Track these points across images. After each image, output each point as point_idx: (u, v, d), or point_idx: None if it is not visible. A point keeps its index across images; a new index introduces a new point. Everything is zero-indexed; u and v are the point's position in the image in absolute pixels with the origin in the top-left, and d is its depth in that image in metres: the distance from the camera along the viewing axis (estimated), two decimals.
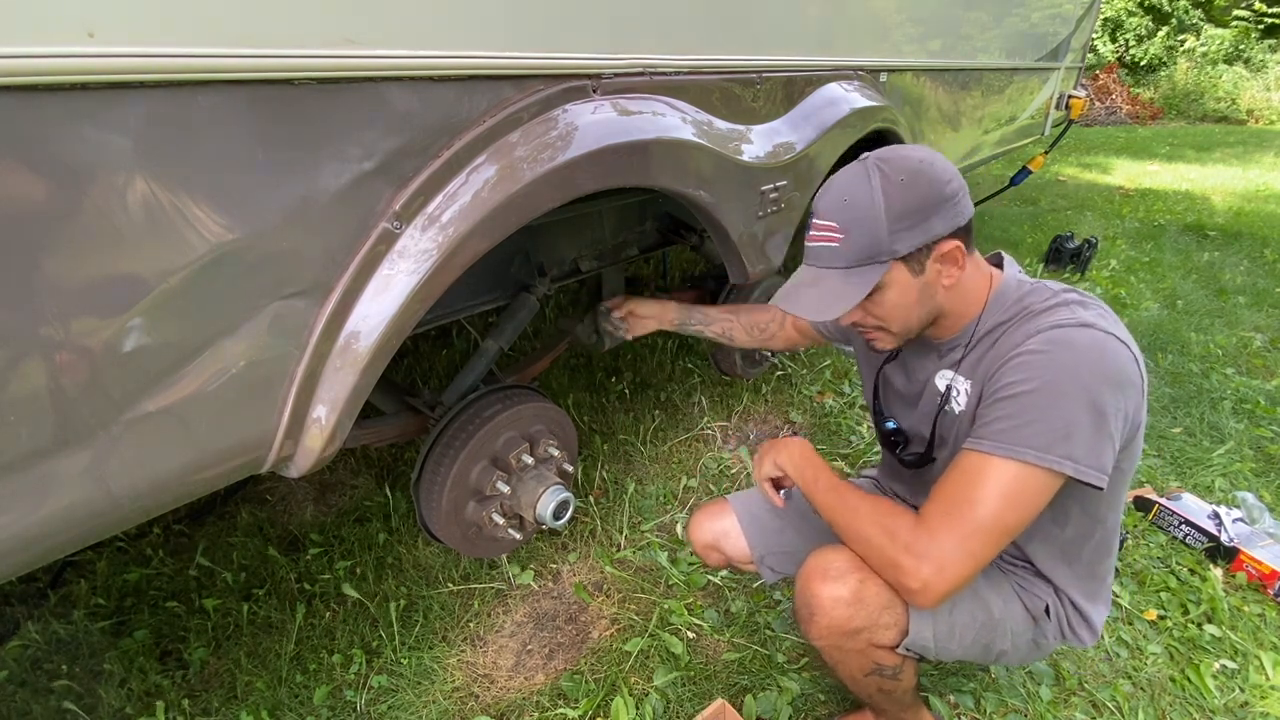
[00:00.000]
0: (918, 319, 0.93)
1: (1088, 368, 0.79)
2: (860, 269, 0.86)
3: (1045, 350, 0.82)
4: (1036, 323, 0.86)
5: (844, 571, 0.94)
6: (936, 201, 0.84)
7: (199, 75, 0.66)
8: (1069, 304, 0.87)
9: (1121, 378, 0.81)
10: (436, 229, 0.91)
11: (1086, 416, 0.78)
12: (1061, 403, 0.78)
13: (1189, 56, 11.97)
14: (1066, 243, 3.82)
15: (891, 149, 0.88)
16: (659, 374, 2.62)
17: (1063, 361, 0.80)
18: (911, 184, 0.83)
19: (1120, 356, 0.81)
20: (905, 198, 0.83)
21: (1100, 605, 1.04)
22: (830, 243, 0.87)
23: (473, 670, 1.44)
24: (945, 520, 0.82)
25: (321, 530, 1.81)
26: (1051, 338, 0.82)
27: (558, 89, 1.05)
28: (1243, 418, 2.33)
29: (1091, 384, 0.79)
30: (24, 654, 1.47)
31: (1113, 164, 7.35)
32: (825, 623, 0.95)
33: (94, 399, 0.68)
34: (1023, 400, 0.81)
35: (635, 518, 1.86)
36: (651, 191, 1.42)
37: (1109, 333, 0.82)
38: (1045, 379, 0.80)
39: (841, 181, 0.88)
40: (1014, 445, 0.80)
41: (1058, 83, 3.79)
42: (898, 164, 0.85)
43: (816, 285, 0.89)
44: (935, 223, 0.84)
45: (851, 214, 0.85)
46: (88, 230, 0.63)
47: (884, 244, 0.84)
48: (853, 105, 1.83)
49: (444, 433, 1.41)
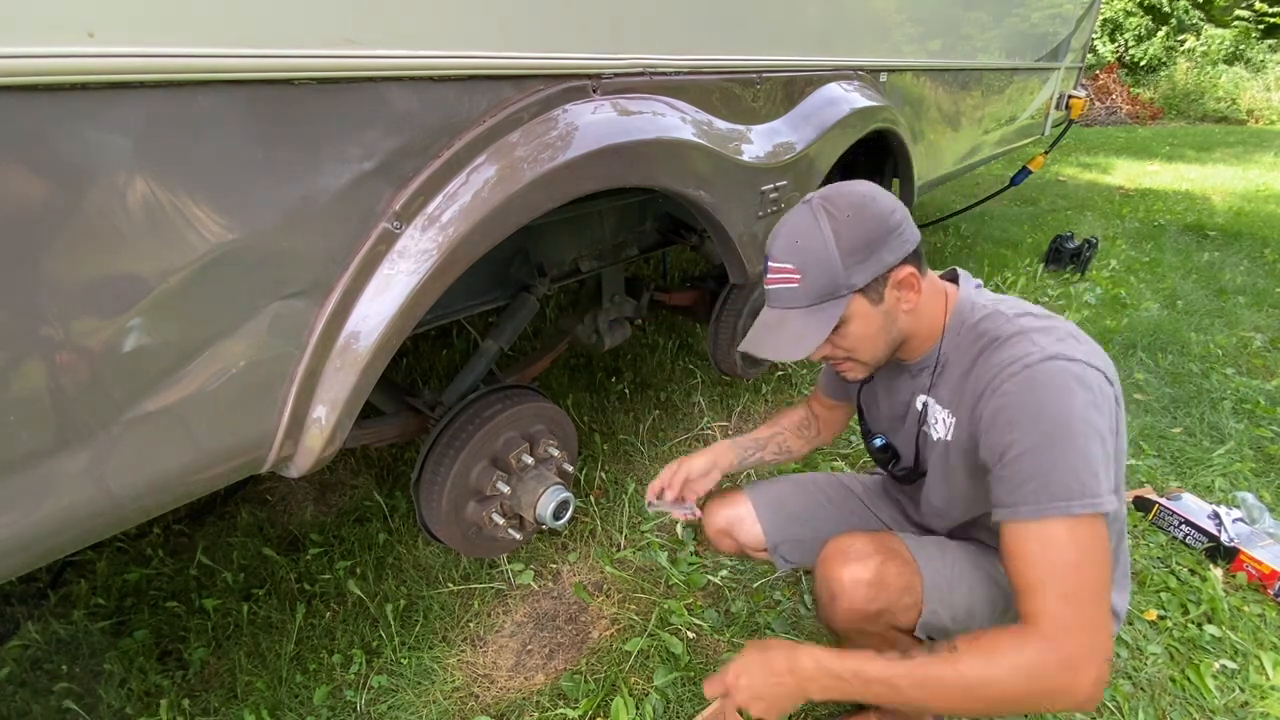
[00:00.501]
0: (884, 345, 0.96)
1: (1076, 403, 0.80)
2: (822, 305, 0.89)
3: (1026, 397, 0.82)
4: (1002, 360, 0.86)
5: (865, 554, 0.97)
6: (884, 232, 0.87)
7: (199, 75, 0.66)
8: (1027, 333, 0.86)
9: (1100, 397, 0.82)
10: (436, 229, 0.91)
11: (1096, 446, 0.79)
12: (1074, 444, 0.79)
13: (1189, 56, 11.98)
14: (1066, 243, 3.82)
15: (833, 188, 0.92)
16: (659, 374, 2.62)
17: (1050, 404, 0.81)
18: (858, 219, 0.87)
19: (1092, 379, 0.82)
20: (854, 233, 0.87)
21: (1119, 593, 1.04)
22: (789, 284, 0.90)
23: (473, 670, 1.44)
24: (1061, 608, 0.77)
25: (321, 530, 1.81)
26: (1028, 380, 0.82)
27: (558, 89, 1.05)
28: (1243, 418, 2.33)
29: (1085, 414, 0.80)
30: (24, 654, 1.47)
31: (1113, 164, 7.35)
32: (847, 605, 0.97)
33: (94, 399, 0.68)
34: (1037, 456, 0.80)
35: (635, 518, 1.86)
36: (651, 191, 1.42)
37: (1073, 359, 0.82)
38: (1046, 428, 0.80)
39: (791, 225, 0.91)
40: (1053, 501, 0.78)
41: (1058, 83, 3.79)
42: (842, 202, 0.88)
43: (782, 327, 0.92)
44: (885, 253, 0.87)
45: (806, 254, 0.88)
46: (88, 230, 0.63)
47: (841, 279, 0.87)
48: (853, 105, 1.83)
49: (444, 433, 1.41)
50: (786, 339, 0.91)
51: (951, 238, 4.49)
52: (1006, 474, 0.83)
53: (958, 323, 0.95)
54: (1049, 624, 0.76)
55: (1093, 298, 3.39)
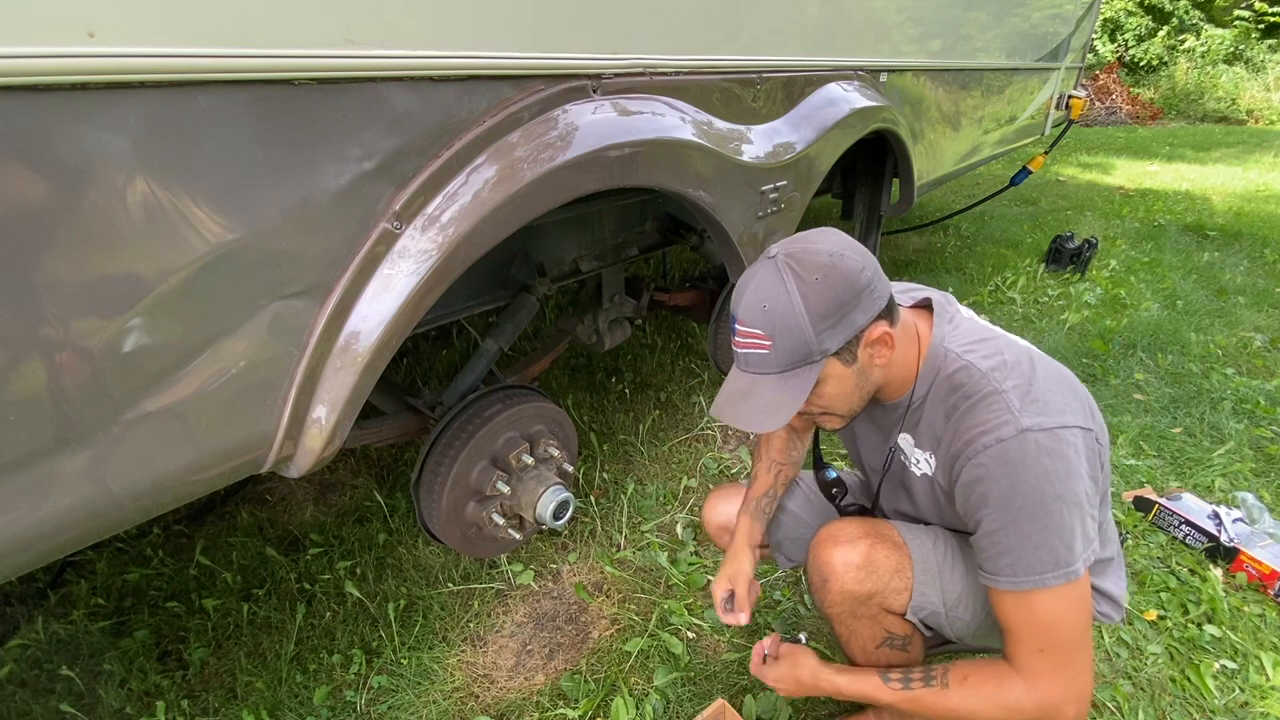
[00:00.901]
0: (859, 400, 0.95)
1: (1051, 478, 0.81)
2: (794, 371, 0.86)
3: (1001, 475, 0.83)
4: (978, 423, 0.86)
5: (855, 538, 1.00)
6: (854, 293, 0.83)
7: (199, 75, 0.66)
8: (1001, 393, 0.85)
9: (1078, 463, 0.83)
10: (437, 229, 0.91)
11: (1071, 518, 0.81)
12: (1050, 521, 0.81)
13: (1189, 56, 11.97)
14: (1066, 243, 3.82)
15: (800, 243, 0.86)
16: (659, 374, 2.62)
17: (1027, 481, 0.82)
18: (827, 282, 0.82)
19: (1063, 443, 0.82)
20: (824, 297, 0.82)
21: (1114, 579, 1.05)
22: (759, 349, 0.86)
23: (473, 670, 1.44)
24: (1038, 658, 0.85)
25: (321, 530, 1.81)
26: (1002, 458, 0.83)
27: (558, 89, 1.05)
28: (1243, 418, 2.33)
29: (1061, 489, 0.81)
30: (24, 654, 1.47)
31: (1113, 164, 7.35)
32: (838, 587, 0.99)
33: (94, 399, 0.68)
34: (1011, 533, 0.83)
35: (635, 518, 1.86)
36: (651, 191, 1.42)
37: (1046, 427, 0.82)
38: (1019, 504, 0.82)
39: (756, 285, 0.86)
40: (1029, 575, 0.83)
41: (1058, 83, 3.79)
42: (809, 263, 0.83)
43: (755, 394, 0.88)
44: (857, 314, 0.84)
45: (774, 320, 0.84)
46: (88, 230, 0.63)
47: (813, 345, 0.84)
48: (853, 105, 1.83)
49: (444, 433, 1.41)
50: (760, 409, 0.88)
51: (952, 238, 4.49)
52: (984, 545, 0.87)
53: (931, 370, 0.94)
54: (1027, 672, 0.85)
55: (1093, 298, 3.39)
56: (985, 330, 0.96)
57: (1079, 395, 0.88)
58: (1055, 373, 0.89)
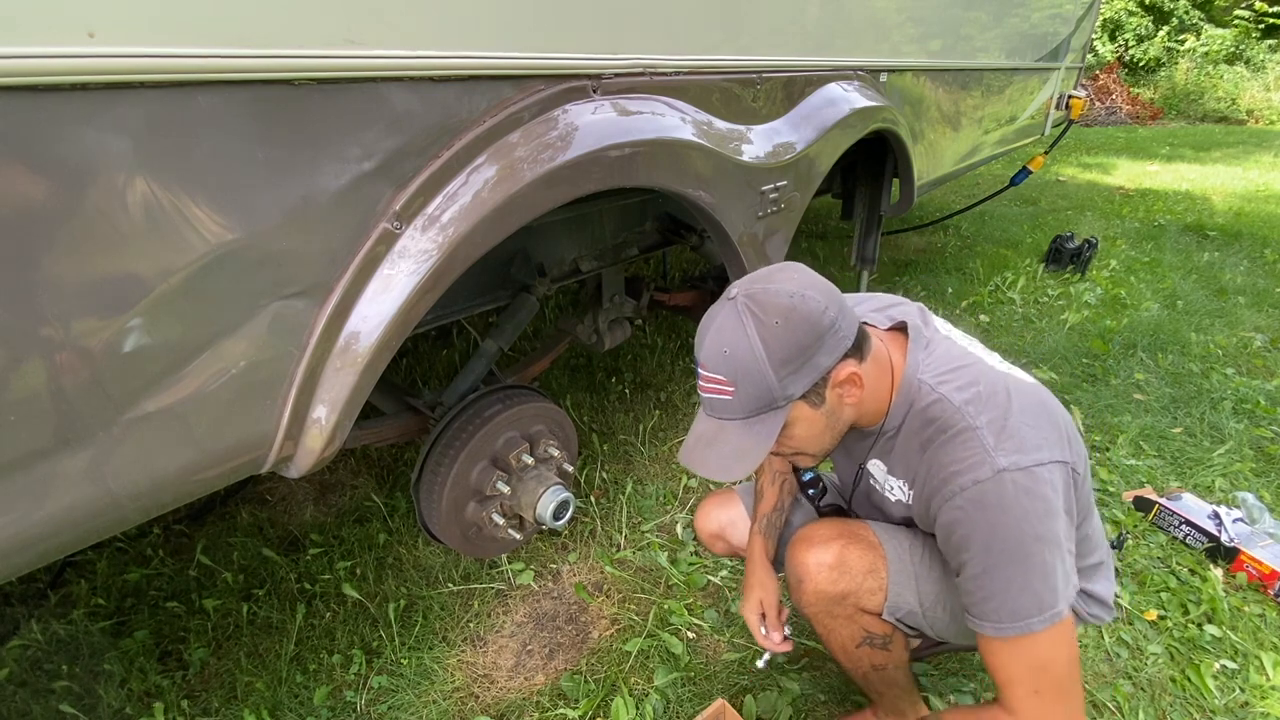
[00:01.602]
0: (831, 440, 0.93)
1: (1030, 520, 0.80)
2: (759, 417, 0.84)
3: (979, 518, 0.82)
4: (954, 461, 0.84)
5: (828, 539, 1.01)
6: (816, 336, 0.81)
7: (199, 75, 0.66)
8: (975, 430, 0.84)
9: (1055, 501, 0.82)
10: (437, 229, 0.91)
11: (1053, 558, 0.81)
12: (1028, 564, 0.81)
13: (1189, 57, 11.97)
14: (1066, 243, 3.82)
15: (761, 283, 0.83)
16: (659, 374, 2.62)
17: (1005, 528, 0.81)
18: (787, 326, 0.80)
19: (1040, 482, 0.81)
20: (785, 342, 0.80)
21: (1103, 582, 1.05)
22: (723, 395, 0.84)
23: (473, 670, 1.44)
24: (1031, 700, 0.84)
25: (321, 530, 1.81)
26: (980, 501, 0.82)
27: (558, 89, 1.05)
28: (1243, 418, 2.33)
29: (1041, 531, 0.81)
30: (24, 654, 1.47)
31: (1113, 164, 7.35)
32: (812, 587, 1.00)
33: (94, 399, 0.68)
34: (993, 578, 0.82)
35: (635, 518, 1.86)
36: (651, 191, 1.42)
37: (1022, 466, 0.81)
38: (1000, 549, 0.81)
39: (717, 329, 0.83)
40: (1014, 621, 0.82)
41: (1058, 83, 3.79)
42: (770, 306, 0.80)
43: (721, 441, 0.86)
44: (821, 358, 0.82)
45: (736, 366, 0.81)
46: (88, 230, 0.63)
47: (776, 391, 0.81)
48: (853, 105, 1.83)
49: (444, 433, 1.41)
50: (727, 456, 0.85)
51: (952, 238, 4.49)
52: (968, 589, 0.86)
53: (904, 402, 0.92)
54: (1023, 715, 0.84)
55: (1093, 298, 3.39)
56: (961, 355, 0.93)
57: (1057, 425, 0.86)
58: (1033, 402, 0.87)
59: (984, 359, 0.94)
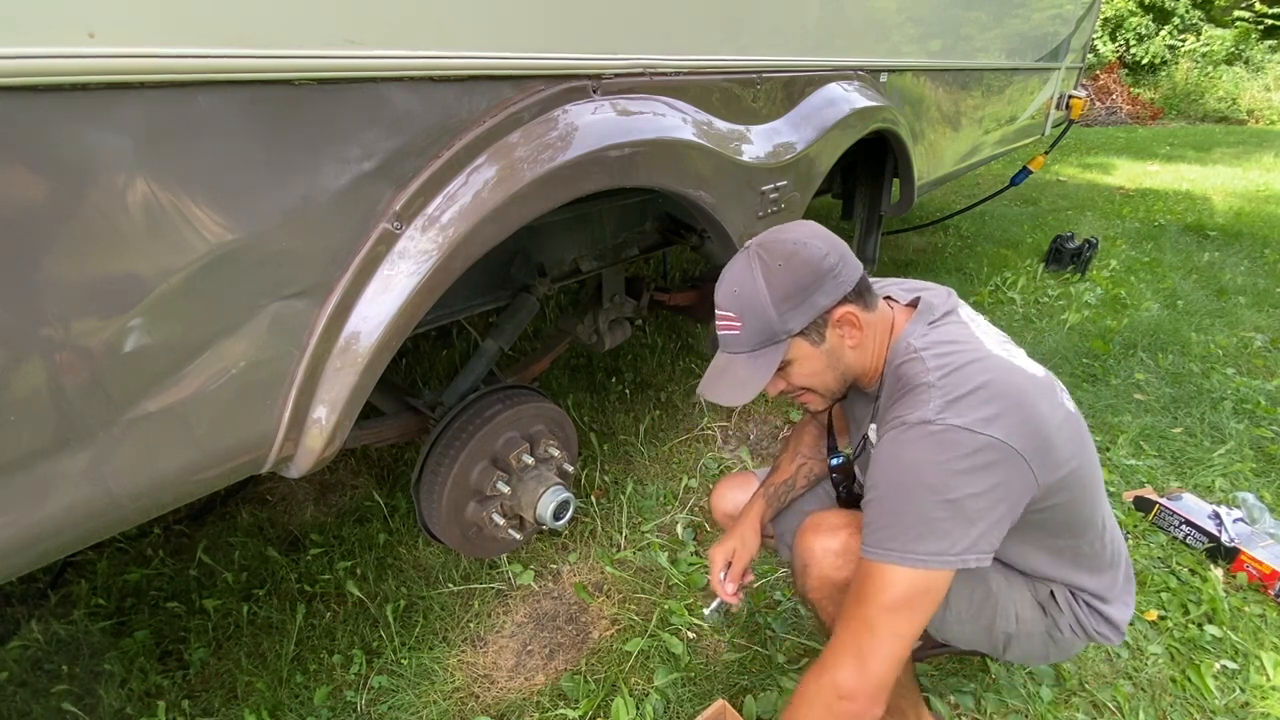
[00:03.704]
0: (835, 380, 0.98)
1: (927, 467, 0.82)
2: (762, 351, 0.93)
3: (890, 450, 0.86)
4: (897, 410, 0.89)
5: (836, 527, 1.03)
6: (816, 278, 0.89)
7: (199, 75, 0.66)
8: (931, 386, 0.86)
9: (974, 462, 0.81)
10: (437, 229, 0.91)
11: (938, 511, 0.81)
12: (908, 505, 0.83)
13: (1190, 57, 11.96)
14: (1067, 243, 3.82)
15: (772, 234, 0.94)
16: (659, 374, 2.62)
17: (903, 464, 0.84)
18: (789, 267, 0.89)
19: (962, 445, 0.81)
20: (785, 281, 0.89)
21: (1115, 601, 1.04)
22: (732, 330, 0.94)
23: (473, 670, 1.44)
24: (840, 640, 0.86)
25: (322, 530, 1.81)
26: (894, 438, 0.86)
27: (558, 89, 1.05)
28: (1243, 418, 2.33)
29: (935, 481, 0.81)
30: (24, 654, 1.47)
31: (1113, 164, 7.35)
32: (817, 572, 1.02)
33: (94, 399, 0.68)
34: (879, 504, 0.86)
35: (635, 518, 1.86)
36: (651, 191, 1.42)
37: (950, 425, 0.82)
38: (891, 482, 0.85)
39: (731, 273, 0.94)
40: (876, 548, 0.84)
41: (1058, 83, 3.79)
42: (775, 250, 0.91)
43: (729, 373, 0.95)
44: (819, 297, 0.90)
45: (742, 303, 0.92)
46: (88, 231, 0.63)
47: (777, 325, 0.90)
48: (853, 105, 1.83)
49: (444, 433, 1.41)
50: (731, 384, 0.94)
51: (952, 238, 4.49)
52: (864, 513, 0.89)
53: (893, 358, 0.96)
54: (829, 649, 0.86)
55: (1093, 298, 3.39)
56: (965, 337, 0.93)
57: (1029, 424, 0.84)
58: (1014, 393, 0.85)
59: (990, 348, 0.92)
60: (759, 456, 2.16)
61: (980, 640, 1.04)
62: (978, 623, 1.02)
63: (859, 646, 0.83)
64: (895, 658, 0.83)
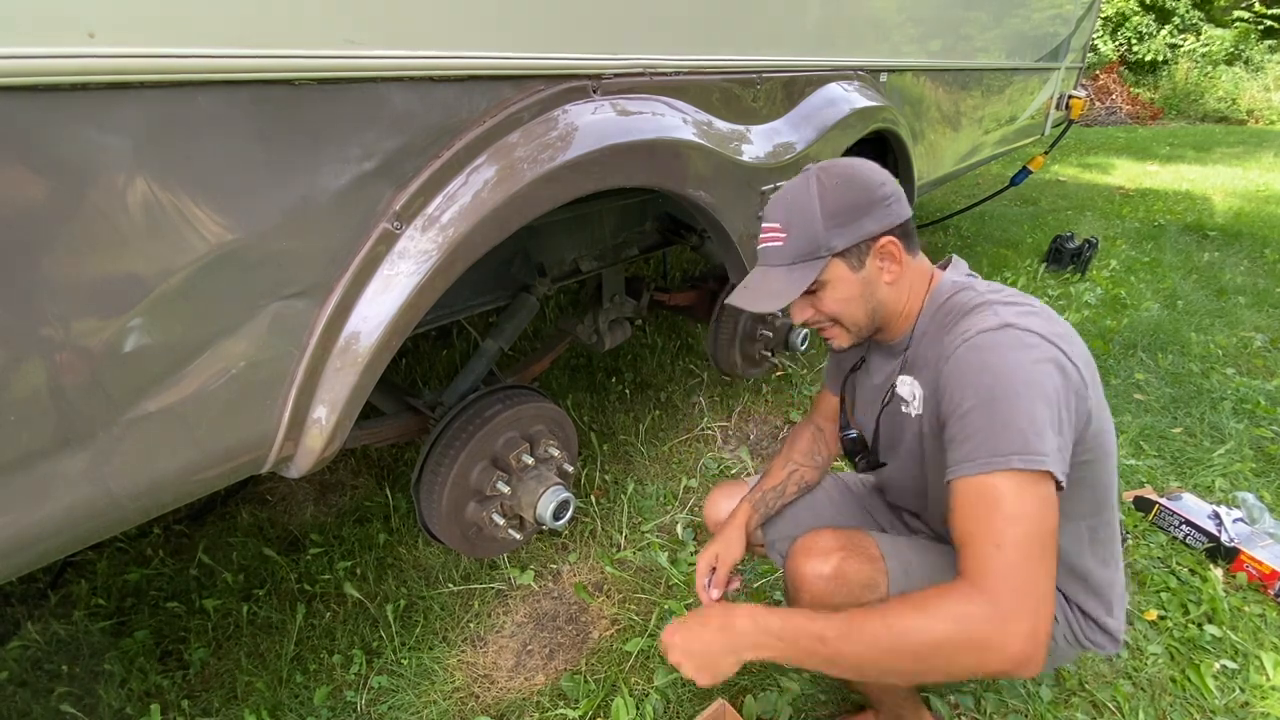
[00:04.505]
0: (865, 314, 0.98)
1: (1021, 367, 0.81)
2: (801, 265, 0.93)
3: (972, 358, 0.84)
4: (961, 329, 0.88)
5: (828, 550, 0.99)
6: (869, 202, 0.91)
7: (199, 75, 0.66)
8: (991, 304, 0.88)
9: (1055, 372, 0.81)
10: (437, 229, 0.91)
11: (1041, 409, 0.79)
12: (1016, 402, 0.79)
13: (1189, 57, 11.96)
14: (1067, 243, 3.82)
15: (835, 160, 0.96)
16: (659, 374, 2.62)
17: (993, 363, 0.82)
18: (845, 186, 0.91)
19: (1041, 348, 0.82)
20: (839, 198, 0.91)
21: (1112, 607, 1.03)
22: (775, 242, 0.95)
23: (473, 670, 1.44)
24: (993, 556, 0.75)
25: (322, 530, 1.81)
26: (976, 344, 0.84)
27: (558, 89, 1.05)
28: (1243, 418, 2.33)
29: (1031, 377, 0.80)
30: (24, 654, 1.47)
31: (1113, 164, 7.35)
32: (809, 598, 0.99)
33: (94, 399, 0.68)
34: (978, 414, 0.81)
35: (635, 518, 1.86)
36: (651, 191, 1.42)
37: (1029, 329, 0.83)
38: (991, 386, 0.81)
39: (786, 187, 0.96)
40: (993, 456, 0.78)
41: (1058, 83, 3.79)
42: (834, 170, 0.93)
43: (762, 282, 0.97)
44: (868, 222, 0.91)
45: (792, 215, 0.93)
46: (88, 231, 0.63)
47: (821, 240, 0.91)
48: (853, 105, 1.83)
49: (444, 433, 1.41)
50: (764, 293, 0.95)
51: (952, 238, 4.49)
52: (955, 433, 0.83)
53: (934, 300, 0.97)
54: (979, 573, 0.74)
55: (1093, 298, 3.39)
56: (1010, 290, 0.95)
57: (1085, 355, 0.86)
58: (1069, 328, 0.88)
59: None
60: (759, 456, 2.16)
61: None
62: None
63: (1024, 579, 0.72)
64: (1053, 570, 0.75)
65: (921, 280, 0.98)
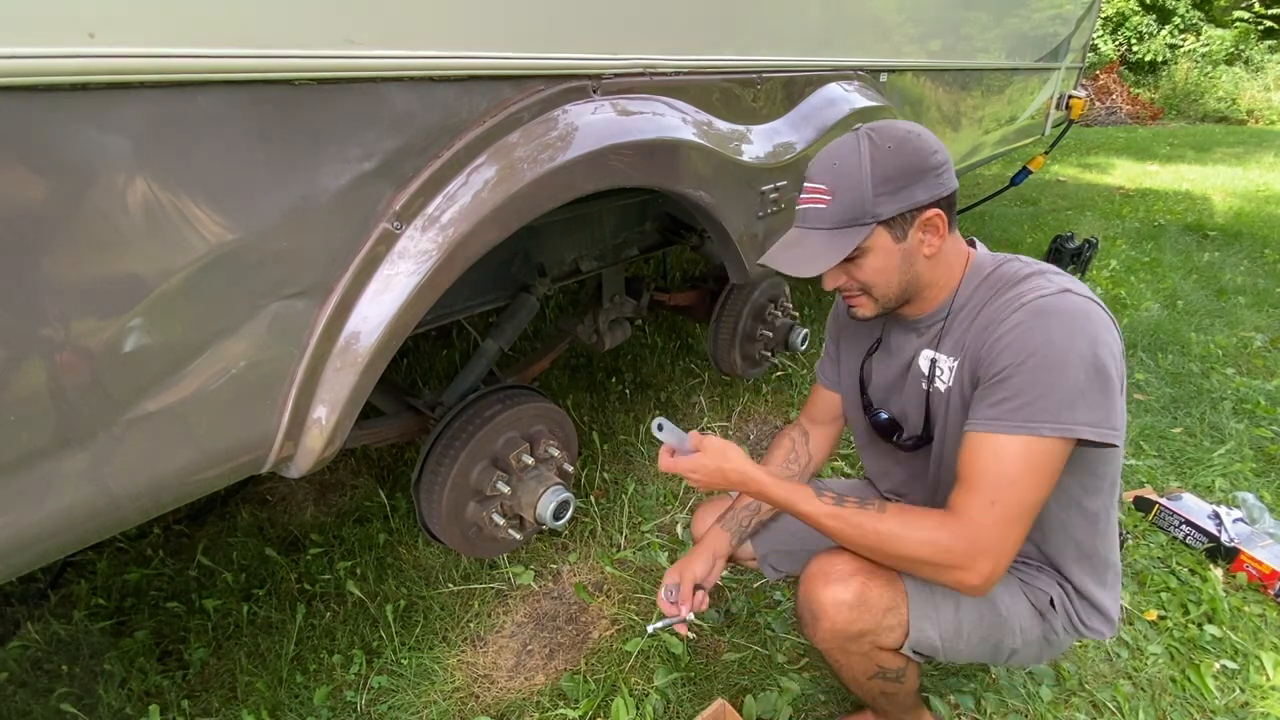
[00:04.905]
0: (899, 285, 0.95)
1: (1079, 332, 0.81)
2: (844, 230, 0.89)
3: (1033, 322, 0.84)
4: (1016, 293, 0.88)
5: (847, 575, 0.95)
6: (920, 170, 0.87)
7: (199, 75, 0.66)
8: (1044, 273, 0.90)
9: (1109, 336, 0.83)
10: (437, 229, 0.91)
11: (1088, 379, 0.80)
12: (1064, 371, 0.80)
13: (1189, 57, 11.96)
14: (1067, 243, 3.82)
15: (885, 121, 0.92)
16: (659, 374, 2.62)
17: (1054, 330, 0.82)
18: (898, 151, 0.87)
19: (1102, 318, 0.84)
20: (890, 163, 0.87)
21: (1111, 591, 1.03)
22: (818, 204, 0.90)
23: (473, 670, 1.44)
24: (985, 510, 0.83)
25: (322, 530, 1.81)
26: (1037, 308, 0.84)
27: (558, 89, 1.05)
28: (1243, 418, 2.33)
29: (1086, 347, 0.81)
30: (24, 654, 1.47)
31: (1113, 164, 7.35)
32: (829, 626, 0.95)
33: (94, 399, 0.68)
34: (1026, 375, 0.82)
35: (635, 518, 1.86)
36: (651, 191, 1.42)
37: (1087, 296, 0.85)
38: (1042, 351, 0.82)
39: (833, 147, 0.91)
40: (1027, 422, 0.81)
41: (1058, 83, 3.79)
42: (887, 133, 0.88)
43: (801, 245, 0.93)
44: (918, 190, 0.87)
45: (839, 177, 0.88)
46: (88, 231, 0.63)
47: (867, 206, 0.87)
48: (853, 105, 1.83)
49: (444, 433, 1.41)
50: (803, 256, 0.91)
51: None
52: (992, 390, 0.85)
53: (974, 275, 0.96)
54: (970, 521, 0.84)
55: None
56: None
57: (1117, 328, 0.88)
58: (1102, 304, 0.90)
59: None
60: (759, 457, 2.16)
61: (985, 656, 1.02)
62: (987, 643, 1.00)
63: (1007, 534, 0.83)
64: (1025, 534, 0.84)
65: (959, 256, 0.97)
